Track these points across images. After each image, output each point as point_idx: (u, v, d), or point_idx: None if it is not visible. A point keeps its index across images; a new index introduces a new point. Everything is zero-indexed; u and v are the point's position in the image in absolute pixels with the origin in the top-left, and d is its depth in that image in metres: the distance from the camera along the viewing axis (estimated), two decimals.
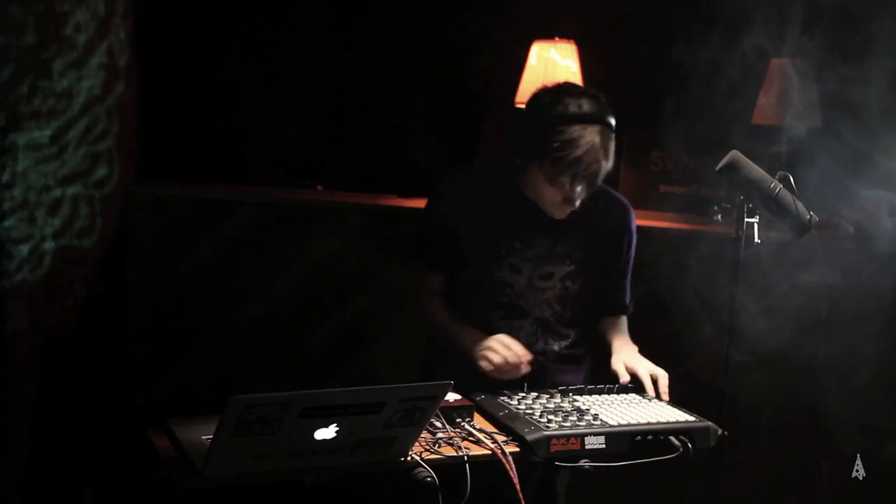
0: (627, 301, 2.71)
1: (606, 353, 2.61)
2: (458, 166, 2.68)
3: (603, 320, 2.70)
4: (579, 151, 2.28)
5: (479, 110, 4.39)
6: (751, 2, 3.53)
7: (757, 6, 3.41)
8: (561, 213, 2.48)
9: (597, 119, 2.31)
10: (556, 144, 2.30)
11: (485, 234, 2.52)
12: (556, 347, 2.59)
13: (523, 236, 2.52)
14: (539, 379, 2.49)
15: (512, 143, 2.44)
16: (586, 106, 2.31)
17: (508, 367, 2.35)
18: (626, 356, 2.51)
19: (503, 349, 2.35)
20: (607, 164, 2.35)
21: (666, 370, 2.45)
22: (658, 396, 2.40)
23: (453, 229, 2.52)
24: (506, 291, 2.53)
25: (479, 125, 4.40)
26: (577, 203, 2.41)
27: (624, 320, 2.72)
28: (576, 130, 2.29)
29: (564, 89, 2.38)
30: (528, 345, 2.46)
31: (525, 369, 2.37)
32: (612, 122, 2.35)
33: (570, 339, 2.61)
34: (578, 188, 2.35)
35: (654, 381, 2.42)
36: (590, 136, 2.29)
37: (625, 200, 2.65)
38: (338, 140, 4.33)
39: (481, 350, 2.37)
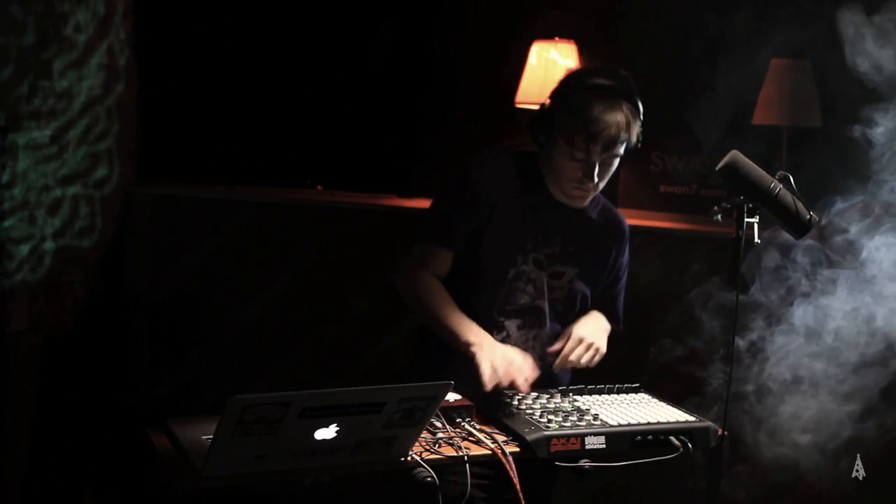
0: (616, 317, 2.63)
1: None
2: (486, 151, 2.57)
3: None
4: (601, 115, 2.35)
5: (479, 110, 4.39)
6: (751, 1, 3.54)
7: (757, 6, 3.41)
8: (580, 198, 2.45)
9: (621, 93, 2.38)
10: (580, 109, 2.36)
11: (514, 224, 2.46)
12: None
13: (545, 231, 2.49)
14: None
15: (537, 122, 2.45)
16: (613, 80, 2.40)
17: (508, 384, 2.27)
18: (580, 322, 2.49)
19: (513, 371, 2.26)
20: (626, 142, 2.39)
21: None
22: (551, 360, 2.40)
23: (480, 213, 2.43)
24: (527, 290, 2.48)
25: (479, 125, 4.40)
26: (597, 180, 2.40)
27: None
28: (599, 97, 2.36)
29: (595, 66, 2.49)
30: (541, 356, 2.44)
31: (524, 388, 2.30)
32: (637, 100, 2.42)
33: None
34: (597, 158, 2.37)
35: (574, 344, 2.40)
36: (612, 105, 2.36)
37: (623, 218, 2.65)
38: (338, 140, 4.33)
39: (492, 365, 2.26)
